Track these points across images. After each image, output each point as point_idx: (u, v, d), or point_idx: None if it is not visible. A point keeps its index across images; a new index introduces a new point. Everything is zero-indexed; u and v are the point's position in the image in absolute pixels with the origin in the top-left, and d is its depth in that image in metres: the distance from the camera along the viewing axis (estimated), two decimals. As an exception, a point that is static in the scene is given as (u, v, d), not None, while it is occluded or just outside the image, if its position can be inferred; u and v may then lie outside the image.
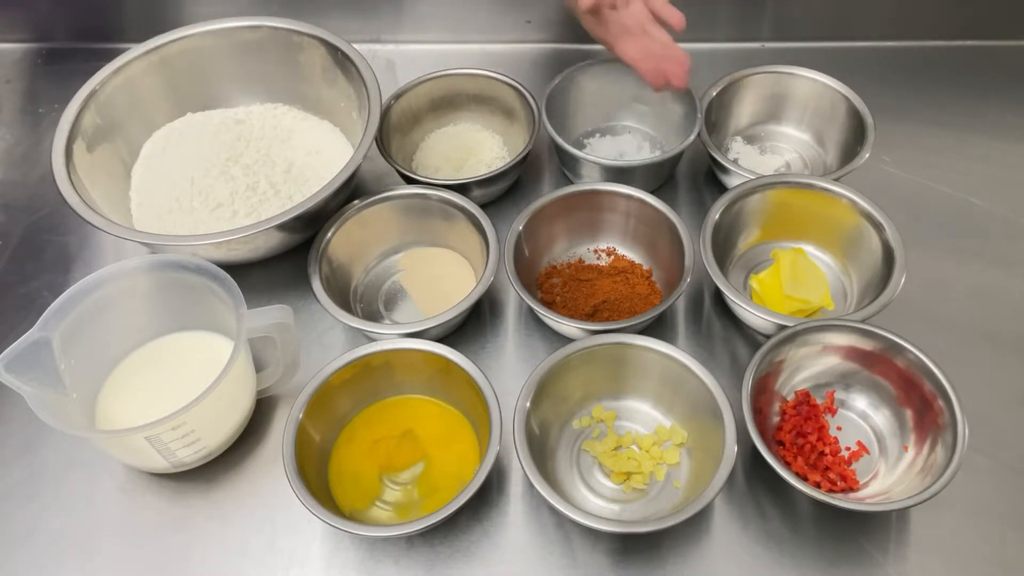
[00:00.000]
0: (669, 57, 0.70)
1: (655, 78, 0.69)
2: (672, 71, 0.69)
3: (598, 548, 0.59)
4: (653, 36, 0.70)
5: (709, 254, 0.66)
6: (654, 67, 0.69)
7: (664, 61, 0.69)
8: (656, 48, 0.70)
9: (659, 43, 0.70)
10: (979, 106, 0.87)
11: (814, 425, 0.61)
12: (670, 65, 0.69)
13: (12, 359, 0.55)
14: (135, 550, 0.60)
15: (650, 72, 0.69)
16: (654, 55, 0.69)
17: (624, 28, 0.70)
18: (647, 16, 0.71)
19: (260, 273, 0.73)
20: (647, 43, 0.70)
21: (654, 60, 0.69)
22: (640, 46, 0.70)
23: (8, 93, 0.91)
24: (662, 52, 0.70)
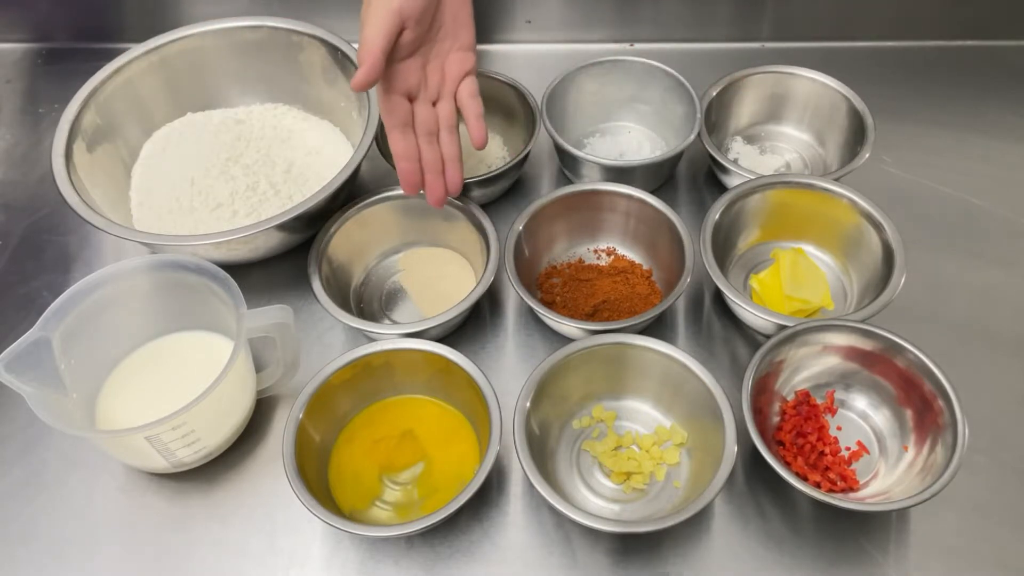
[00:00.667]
0: (440, 173, 0.64)
1: (407, 184, 0.64)
2: (432, 186, 0.64)
3: (598, 548, 0.59)
4: (440, 144, 0.65)
5: (709, 254, 0.66)
6: (411, 171, 0.63)
7: (432, 174, 0.64)
8: (430, 157, 0.64)
9: (438, 154, 0.65)
10: (979, 106, 0.87)
11: (814, 425, 0.61)
12: (434, 180, 0.64)
13: (12, 359, 0.55)
14: (135, 550, 0.60)
15: (404, 174, 0.63)
16: (424, 162, 0.64)
17: (408, 120, 0.64)
18: (448, 123, 0.65)
19: (260, 273, 0.73)
20: (425, 148, 0.64)
21: (416, 166, 0.64)
22: (411, 146, 0.63)
23: (8, 93, 0.91)
24: (435, 164, 0.64)
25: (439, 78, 0.64)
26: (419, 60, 0.63)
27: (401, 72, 0.62)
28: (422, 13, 0.61)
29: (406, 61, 0.62)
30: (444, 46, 0.64)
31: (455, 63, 0.65)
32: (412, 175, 0.64)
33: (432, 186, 0.64)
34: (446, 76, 0.65)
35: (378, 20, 0.59)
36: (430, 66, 0.64)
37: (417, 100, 0.64)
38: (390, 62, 0.61)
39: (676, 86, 0.79)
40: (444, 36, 0.64)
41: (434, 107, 0.65)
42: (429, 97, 0.64)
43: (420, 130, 0.64)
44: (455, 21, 0.64)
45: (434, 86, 0.64)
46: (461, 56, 0.65)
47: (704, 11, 0.91)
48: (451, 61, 0.65)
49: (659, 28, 0.93)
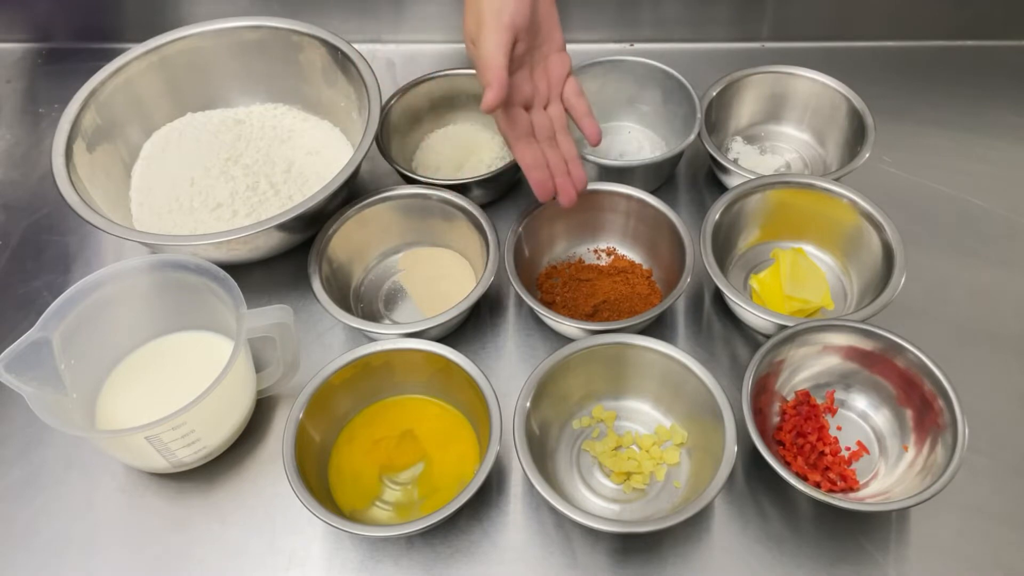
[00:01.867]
0: (567, 174, 0.65)
1: (541, 190, 0.64)
2: (564, 188, 0.64)
3: (598, 548, 0.59)
4: (558, 147, 0.65)
5: (709, 254, 0.66)
6: (543, 179, 0.64)
7: (561, 176, 0.64)
8: (555, 160, 0.64)
9: (561, 156, 0.65)
10: (979, 106, 0.87)
11: (814, 425, 0.61)
12: (564, 181, 0.64)
13: (12, 359, 0.55)
14: (135, 550, 0.60)
15: (537, 182, 0.64)
16: (551, 167, 0.64)
17: (530, 130, 0.64)
18: (561, 124, 0.66)
19: (260, 273, 0.73)
20: (549, 152, 0.64)
21: (547, 172, 0.64)
22: (537, 154, 0.64)
23: (8, 93, 0.91)
24: (561, 167, 0.65)
25: (546, 83, 0.65)
26: (527, 69, 0.64)
27: (516, 84, 0.63)
28: (530, 23, 0.62)
29: (518, 72, 0.63)
30: (543, 51, 0.65)
31: (556, 65, 0.65)
32: (546, 183, 0.64)
33: (564, 188, 0.64)
34: (551, 79, 0.65)
35: (495, 37, 0.59)
36: (536, 72, 0.65)
37: (532, 108, 0.65)
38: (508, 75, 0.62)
39: (676, 86, 0.79)
40: (542, 41, 0.64)
41: (546, 111, 0.66)
42: (541, 103, 0.65)
43: (541, 136, 0.65)
44: (548, 24, 0.64)
45: (543, 91, 0.65)
46: (559, 58, 0.66)
47: (704, 11, 0.91)
48: (552, 64, 0.65)
49: (659, 28, 0.93)
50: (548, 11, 0.64)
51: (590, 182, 0.72)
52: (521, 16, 0.60)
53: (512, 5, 0.60)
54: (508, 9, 0.60)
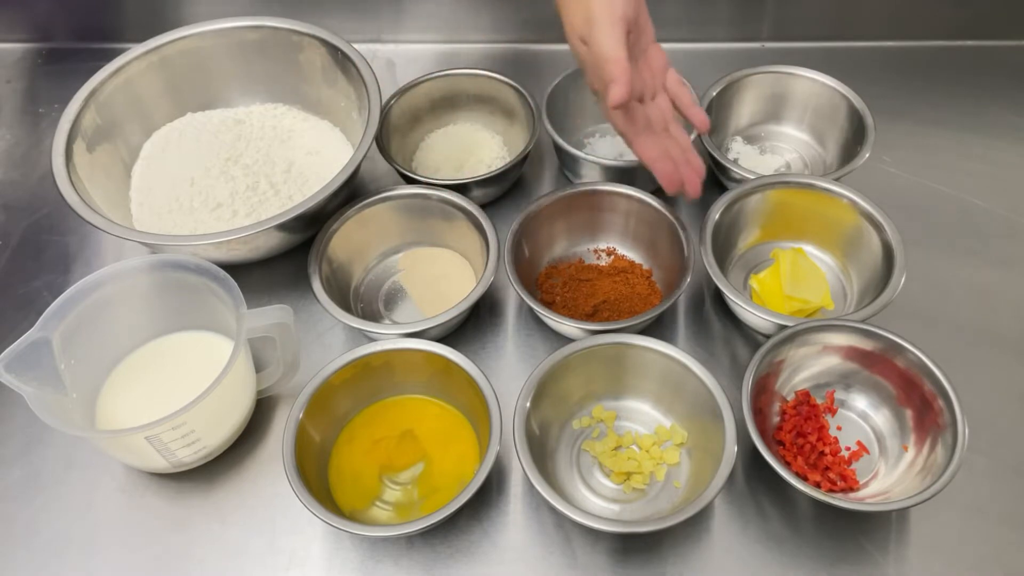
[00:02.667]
0: (688, 163, 0.63)
1: (670, 182, 0.61)
2: (689, 178, 0.62)
3: (598, 548, 0.59)
4: (674, 137, 0.64)
5: (709, 254, 0.66)
6: (671, 170, 0.62)
7: (683, 166, 0.62)
8: (675, 151, 0.63)
9: (679, 146, 0.63)
10: (979, 106, 0.87)
11: (814, 425, 0.61)
12: (688, 171, 0.62)
13: (12, 359, 0.55)
14: (135, 550, 0.60)
15: (666, 175, 0.61)
16: (673, 158, 0.62)
17: (648, 123, 0.63)
18: (671, 113, 0.64)
19: (260, 273, 0.73)
20: (668, 144, 0.63)
21: (672, 163, 0.62)
22: (660, 146, 0.62)
23: (8, 93, 0.91)
24: (681, 156, 0.63)
25: (650, 74, 0.64)
26: (633, 63, 0.62)
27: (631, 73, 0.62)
28: (636, 15, 0.61)
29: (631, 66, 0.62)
30: (642, 43, 0.64)
31: (655, 57, 0.64)
32: (674, 173, 0.62)
33: (690, 178, 0.62)
34: (654, 70, 0.64)
35: (612, 30, 0.58)
36: (639, 65, 0.63)
37: (644, 101, 0.63)
38: None
39: (676, 86, 0.79)
40: (641, 33, 0.63)
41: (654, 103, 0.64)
42: (650, 95, 0.64)
43: (657, 128, 0.63)
44: (643, 15, 0.63)
45: (650, 83, 0.64)
46: (656, 49, 0.64)
47: (704, 11, 0.91)
48: (651, 56, 0.64)
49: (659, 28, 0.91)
50: (639, 5, 0.63)
51: (590, 183, 0.73)
52: (632, 8, 0.60)
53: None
54: (620, 3, 0.59)
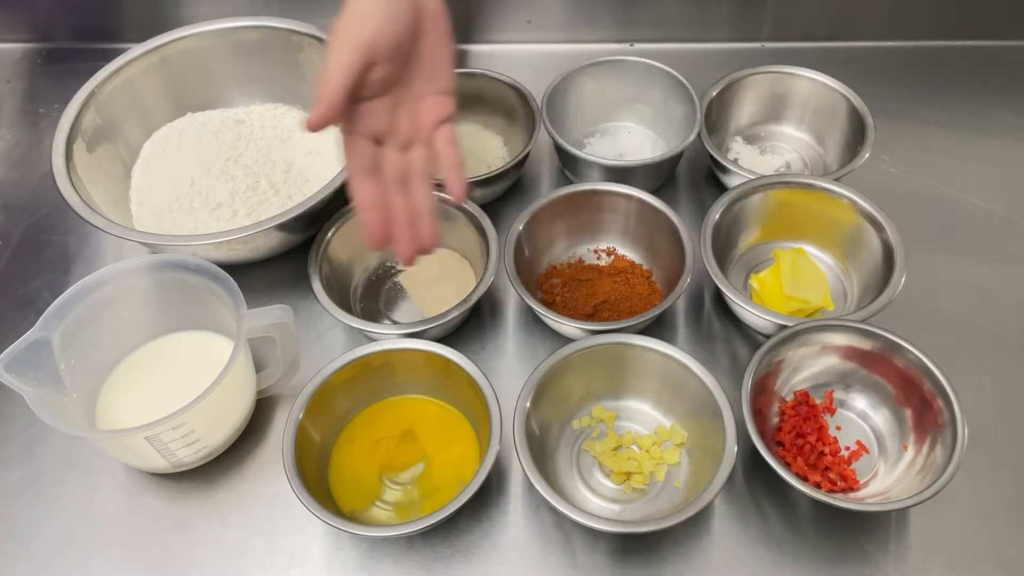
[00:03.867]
0: (408, 225, 0.56)
1: (371, 236, 0.55)
2: (401, 238, 0.56)
3: (598, 548, 0.59)
4: (410, 194, 0.57)
5: (709, 254, 0.66)
6: (376, 222, 0.55)
7: (401, 226, 0.56)
8: (400, 207, 0.56)
9: (408, 206, 0.57)
10: (979, 106, 0.87)
11: (813, 425, 0.61)
12: (403, 233, 0.56)
13: (12, 359, 0.55)
14: (135, 550, 0.60)
15: (369, 225, 0.55)
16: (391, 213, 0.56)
17: (376, 166, 0.56)
18: (421, 171, 0.57)
19: (260, 273, 0.73)
20: (394, 197, 0.56)
21: (382, 216, 0.56)
22: (379, 194, 0.56)
23: (8, 93, 0.91)
24: (405, 216, 0.56)
25: (412, 122, 0.58)
26: (389, 101, 0.56)
27: (368, 112, 0.56)
28: (395, 49, 0.54)
29: (375, 101, 0.56)
30: (419, 88, 0.57)
31: (431, 107, 0.58)
32: (378, 225, 0.56)
33: (401, 238, 0.56)
34: (420, 121, 0.58)
35: (344, 52, 0.53)
36: (401, 109, 0.57)
37: (386, 144, 0.57)
38: (355, 100, 0.54)
39: (676, 86, 0.79)
40: (420, 78, 0.57)
41: (405, 153, 0.58)
42: (399, 142, 0.57)
43: (389, 177, 0.57)
44: (433, 62, 0.57)
45: (405, 131, 0.58)
46: (438, 100, 0.58)
47: (704, 11, 0.91)
48: (426, 105, 0.58)
49: (659, 28, 0.93)
50: (436, 49, 0.57)
51: (590, 182, 0.73)
52: (384, 40, 0.53)
53: (375, 25, 0.53)
54: (368, 28, 0.53)
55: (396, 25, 0.54)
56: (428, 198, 0.57)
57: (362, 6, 0.54)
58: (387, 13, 0.53)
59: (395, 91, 0.57)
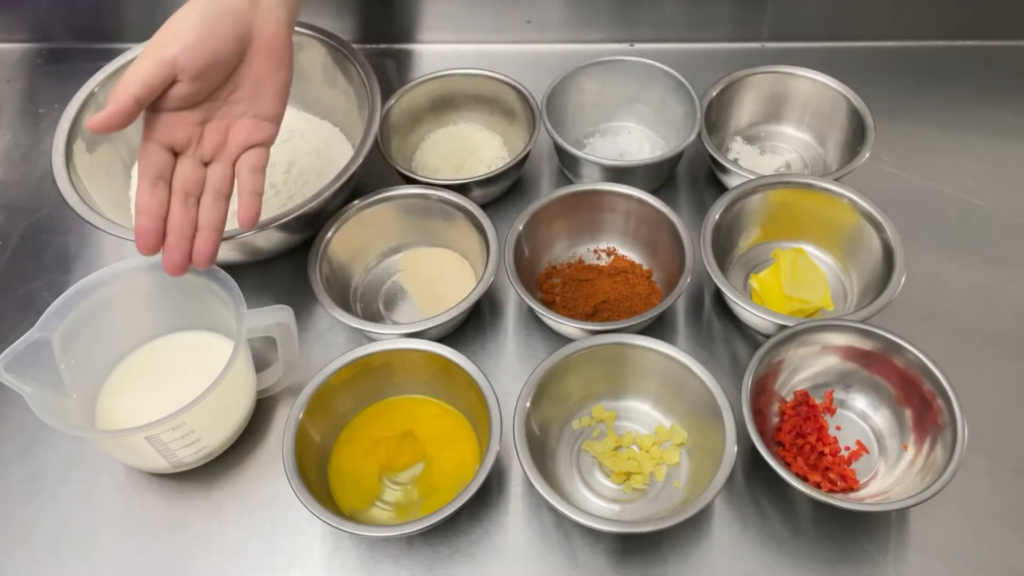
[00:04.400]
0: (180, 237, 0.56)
1: (141, 242, 0.55)
2: (171, 249, 0.56)
3: (598, 548, 0.59)
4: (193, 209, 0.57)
5: (709, 254, 0.66)
6: (149, 229, 0.55)
7: (176, 236, 0.56)
8: (180, 219, 0.56)
9: (191, 220, 0.57)
10: (979, 106, 0.87)
11: (813, 425, 0.61)
12: (176, 243, 0.56)
13: (12, 359, 0.55)
14: (135, 550, 0.60)
15: (141, 230, 0.55)
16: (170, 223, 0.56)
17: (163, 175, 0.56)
18: (217, 189, 0.58)
19: (260, 273, 0.73)
20: (177, 209, 0.56)
21: (157, 225, 0.56)
22: (159, 202, 0.56)
23: (8, 93, 0.91)
24: (184, 229, 0.56)
25: (219, 140, 0.58)
26: (197, 115, 0.57)
27: (168, 122, 0.56)
28: (204, 69, 0.55)
29: (178, 113, 0.56)
30: (236, 109, 0.58)
31: (244, 129, 0.58)
32: (148, 234, 0.55)
33: (171, 249, 0.56)
34: (229, 139, 0.58)
35: (145, 64, 0.54)
36: (211, 124, 0.58)
37: (183, 155, 0.57)
38: (156, 110, 0.56)
39: (676, 86, 0.79)
40: (239, 99, 0.58)
41: (204, 168, 0.58)
42: (200, 156, 0.58)
43: (176, 187, 0.57)
44: (256, 88, 0.58)
45: (209, 146, 0.58)
46: (255, 124, 0.59)
47: (704, 11, 0.91)
48: (240, 126, 0.58)
49: (659, 28, 0.93)
50: (261, 77, 0.58)
51: (590, 182, 0.73)
52: (193, 59, 0.54)
53: (187, 41, 0.54)
54: (177, 45, 0.54)
55: (210, 46, 0.55)
56: (216, 216, 0.58)
57: (179, 23, 0.55)
58: (203, 34, 0.55)
59: (206, 107, 0.58)
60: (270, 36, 0.58)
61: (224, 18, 0.56)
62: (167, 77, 0.54)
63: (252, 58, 0.58)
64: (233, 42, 0.56)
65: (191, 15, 0.55)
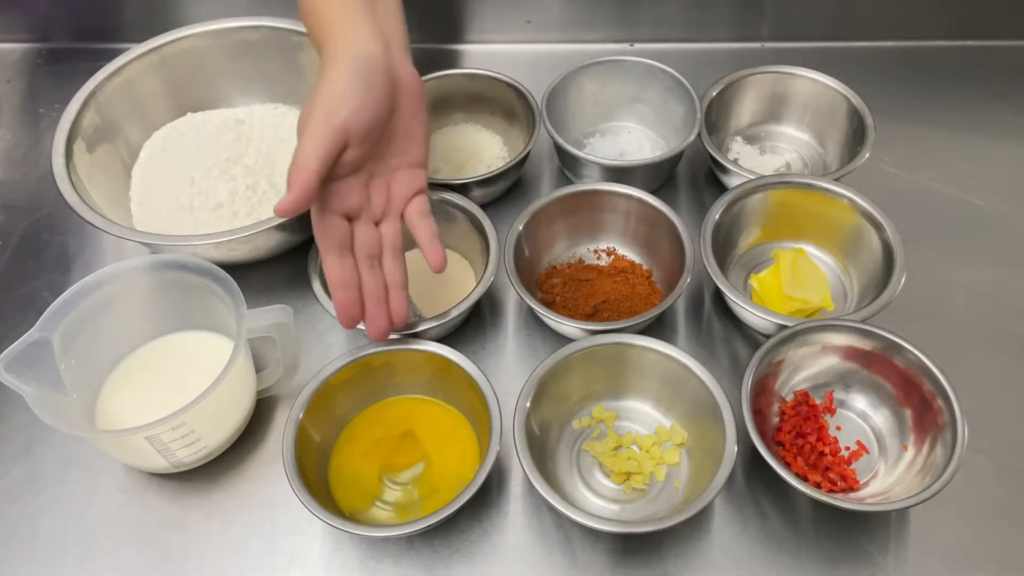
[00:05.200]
0: (378, 302, 0.57)
1: (344, 314, 0.56)
2: (373, 316, 0.56)
3: (598, 548, 0.59)
4: (379, 271, 0.57)
5: (709, 254, 0.66)
6: (348, 301, 0.55)
7: (374, 303, 0.56)
8: (372, 284, 0.56)
9: (380, 281, 0.57)
10: (979, 106, 0.87)
11: (813, 425, 0.61)
12: (376, 310, 0.56)
13: (12, 359, 0.55)
14: (135, 550, 0.60)
15: (340, 303, 0.55)
16: (365, 290, 0.56)
17: (345, 243, 0.56)
18: (393, 245, 0.58)
19: (260, 273, 0.73)
20: (366, 274, 0.56)
21: (355, 294, 0.56)
22: (349, 272, 0.56)
23: (8, 93, 0.91)
24: (377, 293, 0.57)
25: (384, 196, 0.58)
26: (362, 177, 0.57)
27: (340, 190, 0.56)
28: (369, 130, 0.54)
29: (347, 179, 0.56)
30: (391, 162, 0.58)
31: (403, 181, 0.58)
32: (351, 305, 0.56)
33: (374, 316, 0.56)
34: (392, 194, 0.58)
35: (318, 136, 0.52)
36: (374, 183, 0.57)
37: (358, 220, 0.57)
38: (328, 180, 0.54)
39: (676, 86, 0.79)
40: (392, 152, 0.57)
41: (377, 227, 0.58)
42: (372, 217, 0.58)
43: (360, 254, 0.57)
44: (406, 136, 0.58)
45: (378, 205, 0.58)
46: (410, 173, 0.58)
47: (704, 11, 0.91)
48: (398, 178, 0.58)
49: (659, 28, 0.93)
50: (409, 124, 0.57)
51: (590, 182, 0.73)
52: (359, 120, 0.53)
53: (351, 105, 0.53)
54: (343, 112, 0.52)
55: (372, 106, 0.54)
56: (400, 273, 0.58)
57: (339, 87, 0.53)
58: (364, 94, 0.53)
59: (367, 166, 0.57)
60: (409, 82, 0.57)
61: (374, 73, 0.54)
62: (341, 146, 0.53)
63: (398, 107, 0.56)
64: (387, 97, 0.55)
65: (346, 75, 0.53)
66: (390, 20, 0.60)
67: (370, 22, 0.56)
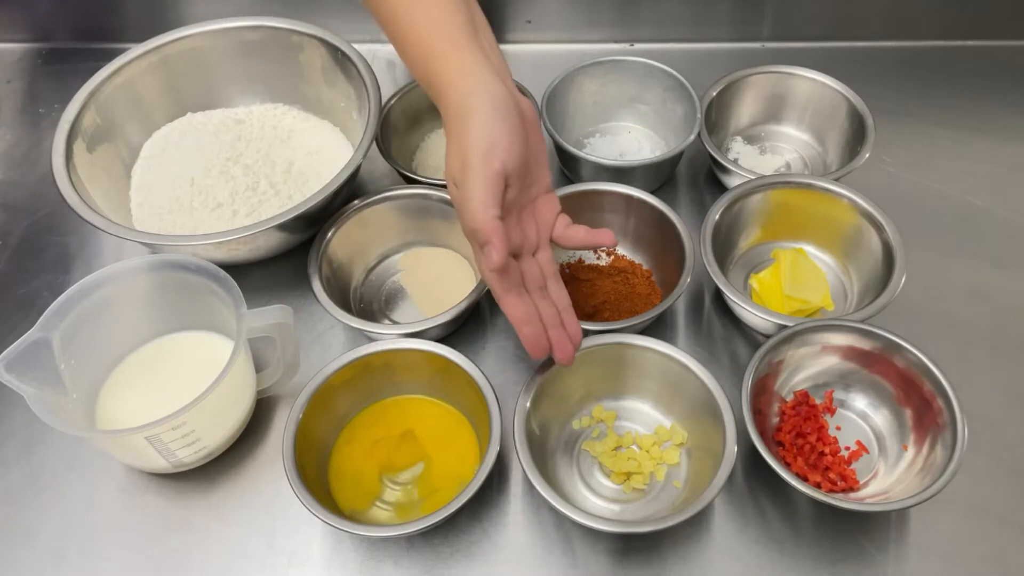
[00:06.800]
0: (560, 326, 0.58)
1: (535, 347, 0.56)
2: (559, 343, 0.57)
3: (598, 548, 0.59)
4: (549, 298, 0.59)
5: (709, 254, 0.66)
6: (537, 335, 0.56)
7: (554, 329, 0.57)
8: (548, 313, 0.58)
9: (553, 307, 0.58)
10: (979, 106, 0.87)
11: (813, 425, 0.61)
12: (558, 335, 0.57)
13: (12, 359, 0.55)
14: (135, 550, 0.60)
15: (530, 339, 0.56)
16: (544, 320, 0.57)
17: (520, 281, 0.57)
18: (552, 271, 0.59)
19: (260, 273, 0.73)
20: (541, 305, 0.58)
21: (540, 327, 0.57)
22: (529, 307, 0.57)
23: (8, 93, 0.91)
24: (554, 318, 0.58)
25: (534, 227, 0.59)
26: (514, 214, 0.57)
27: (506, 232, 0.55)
28: (521, 167, 0.55)
29: (507, 220, 0.56)
30: (531, 193, 0.59)
31: (545, 208, 0.59)
32: (540, 339, 0.57)
33: (560, 342, 0.57)
34: (540, 223, 0.59)
35: (484, 182, 0.52)
36: (524, 216, 0.58)
37: (521, 257, 0.58)
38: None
39: (676, 86, 0.79)
40: (530, 183, 0.58)
41: (535, 257, 0.60)
42: (530, 250, 0.59)
43: (532, 287, 0.58)
44: (536, 165, 0.58)
45: (532, 237, 0.59)
46: (547, 199, 0.60)
47: (704, 11, 0.91)
48: (540, 208, 0.59)
49: (659, 28, 0.93)
50: (538, 153, 0.58)
51: (590, 182, 0.72)
52: (513, 158, 0.54)
53: (503, 145, 0.53)
54: (499, 152, 0.53)
55: (519, 144, 0.54)
56: (564, 295, 0.59)
57: (487, 131, 0.53)
58: (510, 134, 0.54)
59: (516, 203, 0.57)
60: (529, 112, 0.57)
61: (510, 112, 0.54)
62: (503, 188, 0.54)
63: (528, 139, 0.57)
64: (523, 133, 0.55)
65: (490, 117, 0.53)
66: (493, 50, 0.60)
67: (483, 57, 0.56)
